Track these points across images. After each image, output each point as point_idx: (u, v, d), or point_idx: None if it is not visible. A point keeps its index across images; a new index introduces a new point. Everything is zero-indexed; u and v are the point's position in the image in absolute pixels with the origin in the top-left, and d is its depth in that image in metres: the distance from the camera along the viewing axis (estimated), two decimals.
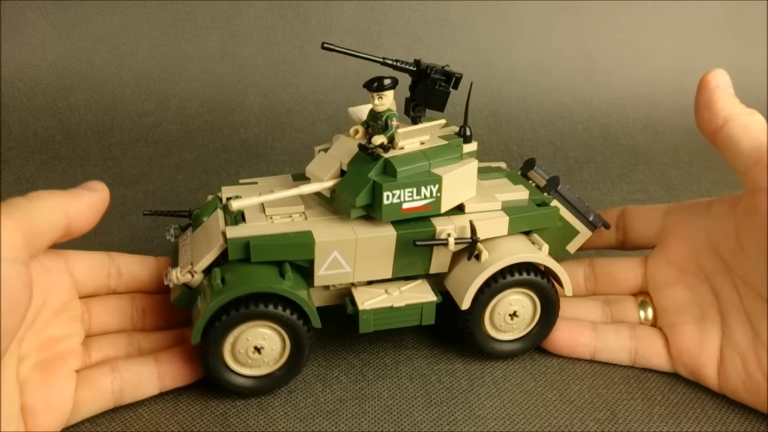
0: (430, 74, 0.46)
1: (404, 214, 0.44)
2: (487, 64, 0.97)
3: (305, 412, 0.44)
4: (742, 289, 0.45)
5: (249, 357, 0.44)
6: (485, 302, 0.46)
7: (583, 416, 0.45)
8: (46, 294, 0.42)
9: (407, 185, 0.43)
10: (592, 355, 0.49)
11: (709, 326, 0.46)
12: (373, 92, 0.44)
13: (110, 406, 0.43)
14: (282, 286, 0.42)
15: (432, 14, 0.98)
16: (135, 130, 0.88)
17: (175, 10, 0.96)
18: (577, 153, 0.88)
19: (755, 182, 0.43)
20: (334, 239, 0.43)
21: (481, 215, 0.47)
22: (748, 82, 0.99)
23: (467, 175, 0.46)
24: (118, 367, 0.43)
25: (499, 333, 0.48)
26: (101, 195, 0.43)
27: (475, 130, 0.48)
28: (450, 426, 0.43)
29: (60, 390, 0.41)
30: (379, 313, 0.45)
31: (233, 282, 0.42)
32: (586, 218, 0.50)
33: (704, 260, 0.47)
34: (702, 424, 0.44)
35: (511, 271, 0.46)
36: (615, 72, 0.99)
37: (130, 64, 0.94)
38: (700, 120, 0.46)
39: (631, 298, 0.51)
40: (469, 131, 0.48)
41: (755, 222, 0.43)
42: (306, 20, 0.97)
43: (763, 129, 0.43)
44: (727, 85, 0.46)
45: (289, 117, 0.92)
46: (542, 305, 0.48)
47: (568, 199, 0.50)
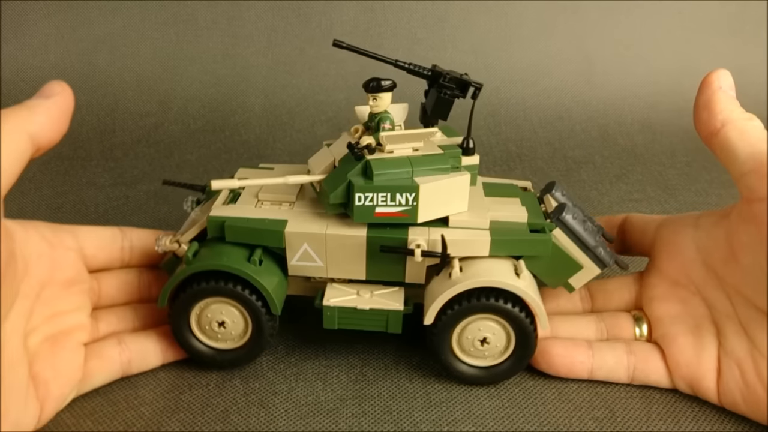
0: (440, 81, 0.45)
1: (377, 218, 0.43)
2: (486, 65, 0.97)
3: (305, 411, 0.44)
4: (735, 299, 0.44)
5: (213, 330, 0.46)
6: (451, 322, 0.44)
7: (582, 415, 0.45)
8: (53, 269, 0.44)
9: (381, 189, 0.42)
10: (589, 374, 0.47)
11: (705, 336, 0.46)
12: (369, 93, 0.44)
13: (118, 376, 0.46)
14: (239, 267, 0.43)
15: (431, 15, 0.98)
16: (137, 131, 0.88)
17: (176, 12, 0.96)
18: (576, 153, 0.88)
19: (751, 191, 0.42)
20: (304, 231, 0.44)
21: (462, 232, 0.45)
22: (748, 82, 0.99)
23: (454, 188, 0.44)
24: (125, 340, 0.46)
25: (469, 357, 0.46)
26: (60, 98, 0.40)
27: (474, 131, 0.47)
28: (449, 426, 0.43)
29: (69, 361, 0.43)
30: (344, 312, 0.45)
31: (203, 257, 0.44)
32: (594, 254, 0.47)
33: (694, 273, 0.47)
34: (700, 424, 0.44)
35: (480, 294, 0.44)
36: (613, 73, 0.99)
37: (131, 65, 0.94)
38: (698, 121, 0.45)
39: (625, 314, 0.50)
40: (471, 144, 0.47)
41: (750, 231, 0.42)
42: (306, 22, 0.97)
43: (761, 135, 0.43)
44: (729, 87, 0.45)
45: (290, 118, 0.92)
46: (516, 337, 0.45)
47: (572, 229, 0.46)
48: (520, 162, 0.85)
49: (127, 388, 0.46)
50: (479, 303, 0.44)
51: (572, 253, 0.46)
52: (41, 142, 0.38)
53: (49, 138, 0.39)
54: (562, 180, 0.81)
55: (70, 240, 0.46)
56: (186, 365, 0.48)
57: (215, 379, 0.47)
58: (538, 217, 0.47)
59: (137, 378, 0.47)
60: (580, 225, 0.47)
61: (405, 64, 0.46)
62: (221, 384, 0.47)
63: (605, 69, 0.99)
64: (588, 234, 0.47)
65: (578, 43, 1.01)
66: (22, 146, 0.37)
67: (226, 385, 0.47)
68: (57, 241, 0.45)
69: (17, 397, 0.39)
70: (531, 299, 0.44)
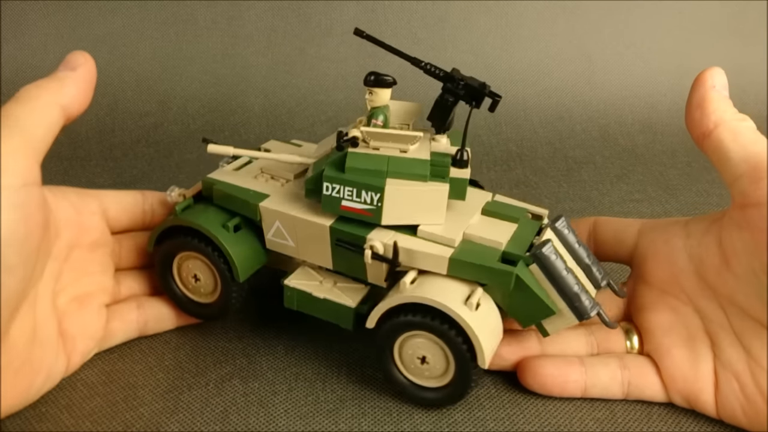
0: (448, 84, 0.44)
1: (342, 211, 0.43)
2: (486, 65, 0.97)
3: (305, 411, 0.44)
4: (729, 309, 0.43)
5: (190, 280, 0.49)
6: (391, 334, 0.43)
7: (583, 415, 0.45)
8: (80, 233, 0.47)
9: (349, 183, 0.42)
10: (583, 392, 0.45)
11: (700, 348, 0.44)
12: (365, 86, 0.44)
13: (135, 336, 0.50)
14: (209, 228, 0.46)
15: (432, 15, 0.98)
16: (136, 131, 0.88)
17: (176, 12, 0.96)
18: (576, 153, 0.88)
19: (744, 195, 0.41)
20: (275, 209, 0.45)
21: (423, 244, 0.43)
22: (748, 82, 0.99)
23: (428, 197, 0.43)
24: (143, 304, 0.51)
25: (409, 373, 0.45)
26: (85, 69, 0.43)
27: (474, 131, 0.47)
28: (449, 427, 0.43)
29: (93, 321, 0.47)
30: (301, 296, 0.46)
31: (189, 212, 0.48)
32: (571, 301, 0.42)
33: (685, 282, 0.45)
34: (701, 425, 0.44)
35: (424, 312, 0.42)
36: (614, 73, 0.99)
37: (131, 64, 0.94)
38: (690, 120, 0.44)
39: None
40: (466, 156, 0.44)
41: (744, 238, 0.41)
42: (306, 21, 0.97)
43: (754, 137, 0.42)
44: (722, 86, 0.44)
45: (290, 118, 0.92)
46: (456, 362, 0.42)
47: (550, 269, 0.42)
48: (520, 162, 0.84)
49: (126, 389, 0.46)
50: (415, 319, 0.42)
51: (547, 294, 0.42)
52: (71, 112, 0.42)
53: (78, 108, 0.42)
54: (562, 180, 0.81)
55: (95, 204, 0.49)
56: (185, 365, 0.48)
57: (214, 379, 0.47)
58: (520, 247, 0.43)
59: (136, 378, 0.47)
60: (561, 265, 0.42)
61: (422, 63, 0.45)
62: (220, 384, 0.47)
63: (606, 69, 0.99)
64: (570, 278, 0.42)
65: (578, 43, 1.01)
66: (56, 118, 0.41)
67: (226, 385, 0.46)
68: (83, 205, 0.48)
69: (49, 350, 0.43)
70: (469, 328, 0.40)
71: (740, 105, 0.43)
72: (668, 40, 1.02)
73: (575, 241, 0.45)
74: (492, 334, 0.42)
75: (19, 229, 0.37)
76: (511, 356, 0.47)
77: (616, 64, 1.00)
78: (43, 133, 0.40)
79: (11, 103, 0.40)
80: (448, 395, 0.44)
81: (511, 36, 0.99)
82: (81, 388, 0.46)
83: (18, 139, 0.38)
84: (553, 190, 0.78)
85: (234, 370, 0.48)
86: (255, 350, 0.50)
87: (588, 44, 1.01)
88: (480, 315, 0.41)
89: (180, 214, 0.47)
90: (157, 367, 0.48)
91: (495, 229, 0.45)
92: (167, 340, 0.51)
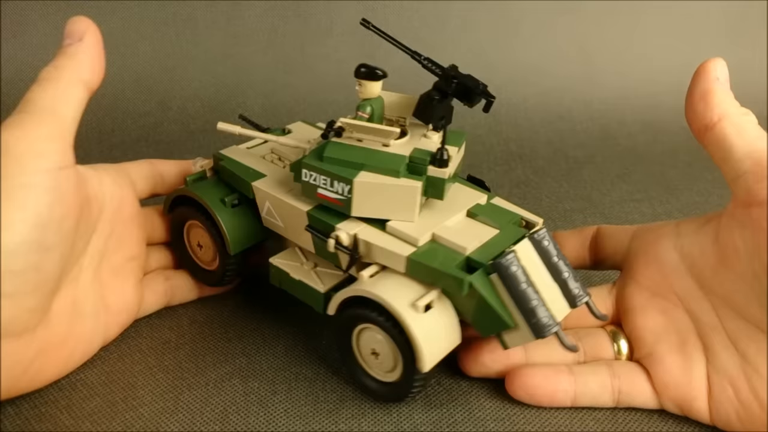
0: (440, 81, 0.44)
1: (318, 198, 0.44)
2: (486, 64, 0.97)
3: (305, 411, 0.44)
4: (722, 310, 0.42)
5: (195, 247, 0.53)
6: (348, 322, 0.44)
7: (583, 416, 0.45)
8: (121, 207, 0.49)
9: (324, 172, 0.43)
10: (573, 401, 0.44)
11: (693, 353, 0.43)
12: (355, 77, 0.44)
13: (163, 306, 0.53)
14: (206, 199, 0.49)
15: (432, 15, 0.98)
16: (136, 131, 0.88)
17: (175, 11, 0.96)
18: (577, 153, 0.88)
19: (748, 193, 0.40)
20: (265, 189, 0.47)
21: (387, 240, 0.43)
22: (748, 82, 0.99)
23: (398, 193, 0.42)
24: (170, 276, 0.54)
25: (365, 365, 0.45)
26: (92, 35, 0.44)
27: (474, 130, 0.47)
28: (450, 427, 0.43)
29: (131, 293, 0.50)
30: (282, 274, 0.48)
31: (195, 185, 0.51)
32: (527, 316, 0.40)
33: (676, 282, 0.44)
34: (701, 425, 0.44)
35: (370, 305, 0.41)
36: (614, 72, 0.99)
37: (130, 64, 0.94)
38: (692, 112, 0.43)
39: (601, 331, 0.47)
40: (446, 156, 0.43)
41: (746, 236, 0.40)
42: (306, 21, 0.97)
43: (758, 133, 0.41)
44: (725, 79, 0.43)
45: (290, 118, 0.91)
46: (402, 362, 0.42)
47: (508, 282, 0.40)
48: (521, 162, 0.84)
49: (126, 389, 0.46)
50: (366, 312, 0.42)
51: (504, 306, 0.40)
52: (92, 85, 0.43)
53: (98, 79, 0.43)
54: (563, 180, 0.81)
55: (127, 178, 0.50)
56: (185, 365, 0.48)
57: (214, 379, 0.47)
58: (490, 255, 0.41)
59: (136, 379, 0.47)
60: (521, 278, 0.40)
61: (421, 58, 0.45)
62: (220, 384, 0.46)
63: (606, 68, 0.99)
64: (530, 292, 0.40)
65: (579, 42, 1.01)
66: (80, 94, 0.42)
67: (225, 385, 0.46)
68: (121, 180, 0.50)
69: (90, 322, 0.46)
70: (409, 329, 0.40)
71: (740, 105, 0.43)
72: (668, 39, 1.02)
73: (555, 254, 0.43)
74: (440, 339, 0.41)
75: (56, 211, 0.39)
76: (494, 364, 0.46)
77: (616, 64, 1.00)
78: (73, 114, 0.41)
79: (35, 87, 0.41)
80: (392, 393, 0.44)
81: (511, 36, 0.99)
82: (81, 388, 0.46)
83: (49, 123, 0.40)
84: (554, 189, 0.78)
85: (234, 369, 0.48)
86: (255, 350, 0.50)
87: (588, 44, 1.01)
88: (427, 318, 0.40)
89: (189, 185, 0.51)
90: (157, 367, 0.48)
91: (470, 233, 0.43)
92: (167, 339, 0.51)
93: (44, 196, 0.39)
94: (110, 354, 0.49)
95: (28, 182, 0.38)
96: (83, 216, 0.43)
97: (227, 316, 0.54)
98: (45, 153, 0.39)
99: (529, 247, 0.42)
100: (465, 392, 0.46)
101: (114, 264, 0.49)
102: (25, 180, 0.38)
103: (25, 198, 0.38)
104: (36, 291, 0.40)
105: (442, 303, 0.42)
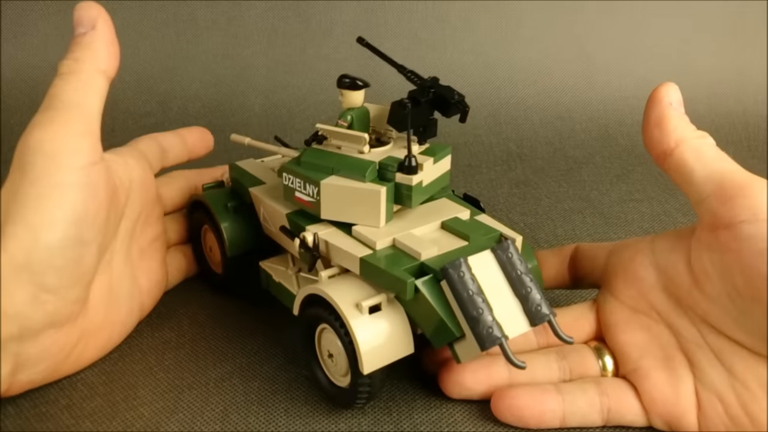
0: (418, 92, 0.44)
1: (296, 201, 0.45)
2: (486, 65, 0.97)
3: (305, 410, 0.44)
4: (702, 327, 0.41)
5: (208, 248, 0.56)
6: (309, 322, 0.44)
7: None
8: (146, 189, 0.50)
9: (299, 176, 0.44)
10: (562, 422, 0.43)
11: (679, 369, 0.42)
12: (337, 87, 0.46)
13: (184, 278, 0.57)
14: (211, 203, 0.52)
15: (432, 15, 0.98)
16: (136, 131, 0.88)
17: (176, 12, 0.96)
18: (576, 153, 0.88)
19: (714, 216, 0.39)
20: (259, 195, 0.50)
21: (348, 242, 0.43)
22: (748, 82, 1.00)
23: (362, 198, 0.43)
24: (186, 250, 0.57)
25: (325, 366, 0.44)
26: (104, 22, 0.44)
27: (474, 131, 0.47)
28: (449, 427, 0.43)
29: (158, 270, 0.53)
30: (268, 277, 0.50)
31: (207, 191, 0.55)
32: (471, 327, 0.39)
33: (655, 299, 0.44)
34: None
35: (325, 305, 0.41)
36: (614, 73, 0.99)
37: (131, 64, 0.94)
38: (649, 139, 0.43)
39: (586, 348, 0.46)
40: (414, 163, 0.43)
41: (714, 260, 0.39)
42: (306, 22, 0.97)
43: (716, 155, 0.41)
44: (678, 103, 0.43)
45: (290, 118, 0.92)
46: (349, 363, 0.41)
47: (453, 289, 0.39)
48: (520, 161, 0.84)
49: (126, 389, 0.46)
50: (319, 312, 0.42)
51: (452, 314, 0.39)
52: (111, 74, 0.44)
53: (115, 67, 0.44)
54: (562, 180, 0.81)
55: (144, 158, 0.51)
56: (185, 364, 0.48)
57: (214, 378, 0.47)
58: (445, 263, 0.40)
59: (136, 378, 0.47)
60: (469, 286, 0.39)
61: (406, 70, 0.46)
62: (220, 384, 0.47)
63: (605, 69, 0.99)
64: (475, 301, 0.39)
65: (578, 43, 1.01)
66: (102, 86, 0.43)
67: (225, 384, 0.47)
68: (143, 162, 0.50)
69: (127, 303, 0.48)
70: (350, 328, 0.39)
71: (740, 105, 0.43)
72: (668, 40, 1.02)
73: (521, 270, 0.41)
74: (384, 343, 0.40)
75: (90, 207, 0.41)
76: (477, 386, 0.44)
77: (616, 64, 1.00)
78: (98, 106, 0.42)
79: (58, 81, 0.42)
80: (342, 397, 0.43)
81: (511, 36, 0.99)
82: (81, 388, 0.46)
83: (78, 118, 0.41)
84: (553, 189, 0.79)
85: (234, 369, 0.48)
86: (255, 350, 0.50)
87: (588, 44, 1.01)
88: (371, 320, 0.40)
89: (204, 190, 0.55)
90: (157, 367, 0.48)
91: (433, 242, 0.43)
92: (167, 339, 0.51)
93: (80, 193, 0.40)
94: (111, 353, 0.49)
95: (64, 181, 0.40)
96: (113, 206, 0.45)
97: (228, 316, 0.54)
98: (78, 150, 0.40)
99: (489, 258, 0.41)
100: None
101: (142, 245, 0.51)
102: (61, 179, 0.40)
103: (62, 196, 0.40)
104: (77, 283, 0.42)
105: (392, 308, 0.41)
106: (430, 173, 0.45)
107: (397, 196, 0.44)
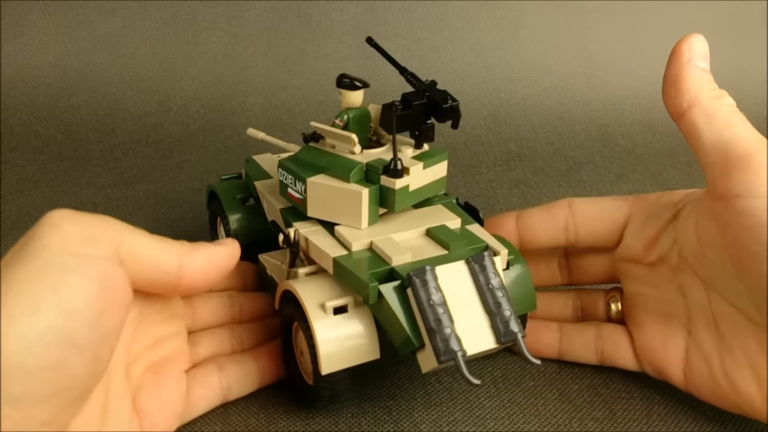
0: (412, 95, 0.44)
1: (289, 198, 0.46)
2: (486, 64, 0.97)
3: (305, 410, 0.44)
4: (710, 291, 0.43)
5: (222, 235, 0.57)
6: (285, 318, 0.44)
7: (582, 415, 0.45)
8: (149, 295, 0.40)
9: (291, 173, 0.45)
10: (558, 355, 0.49)
11: (675, 326, 0.44)
12: (336, 87, 0.46)
13: (219, 403, 0.44)
14: (221, 194, 0.54)
15: (432, 15, 0.98)
16: (136, 131, 0.88)
17: (176, 12, 0.96)
18: (576, 153, 0.88)
19: (713, 185, 0.39)
20: (260, 189, 0.51)
21: (328, 242, 0.43)
22: (748, 82, 1.00)
23: (345, 198, 0.42)
24: (225, 365, 0.44)
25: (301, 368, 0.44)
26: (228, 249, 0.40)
27: (474, 131, 0.47)
28: (449, 426, 0.43)
29: (173, 391, 0.40)
30: (264, 270, 0.50)
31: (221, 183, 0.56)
32: (429, 337, 0.37)
33: (672, 260, 0.44)
34: (701, 424, 0.44)
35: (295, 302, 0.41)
36: (613, 73, 0.99)
37: (131, 64, 0.94)
38: (666, 97, 0.41)
39: (601, 293, 0.50)
40: (399, 166, 0.42)
41: (713, 228, 0.40)
42: (307, 22, 0.97)
43: (729, 120, 0.39)
44: (700, 57, 0.41)
45: (291, 118, 0.92)
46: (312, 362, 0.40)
47: (419, 301, 0.38)
48: (520, 162, 0.84)
49: None
50: (290, 308, 0.42)
51: (413, 322, 0.38)
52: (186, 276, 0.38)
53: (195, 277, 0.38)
54: (562, 180, 0.81)
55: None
56: None
57: None
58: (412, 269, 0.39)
59: None
60: (431, 296, 0.38)
61: (407, 73, 0.47)
62: None
63: (605, 69, 0.99)
64: (435, 310, 0.37)
65: (578, 42, 1.01)
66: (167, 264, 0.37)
67: None
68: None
69: (120, 427, 0.36)
70: (311, 325, 0.39)
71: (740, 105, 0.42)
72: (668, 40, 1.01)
73: (494, 284, 0.39)
74: (346, 345, 0.40)
75: (94, 305, 0.32)
76: None
77: (616, 64, 1.00)
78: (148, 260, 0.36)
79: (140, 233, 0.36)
80: (306, 395, 0.43)
81: (511, 36, 0.99)
82: None
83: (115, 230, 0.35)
84: (553, 190, 0.79)
85: None
86: None
87: (588, 44, 1.01)
88: (335, 321, 0.40)
89: (219, 182, 0.56)
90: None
91: (410, 248, 0.41)
92: None
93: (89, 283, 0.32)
94: None
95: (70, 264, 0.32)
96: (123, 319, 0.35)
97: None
98: (99, 241, 0.33)
99: (462, 269, 0.40)
100: (465, 391, 0.46)
101: (149, 359, 0.40)
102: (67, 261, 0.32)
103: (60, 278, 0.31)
104: (52, 399, 0.30)
105: (360, 312, 0.40)
106: (418, 178, 0.44)
107: (382, 199, 0.43)
